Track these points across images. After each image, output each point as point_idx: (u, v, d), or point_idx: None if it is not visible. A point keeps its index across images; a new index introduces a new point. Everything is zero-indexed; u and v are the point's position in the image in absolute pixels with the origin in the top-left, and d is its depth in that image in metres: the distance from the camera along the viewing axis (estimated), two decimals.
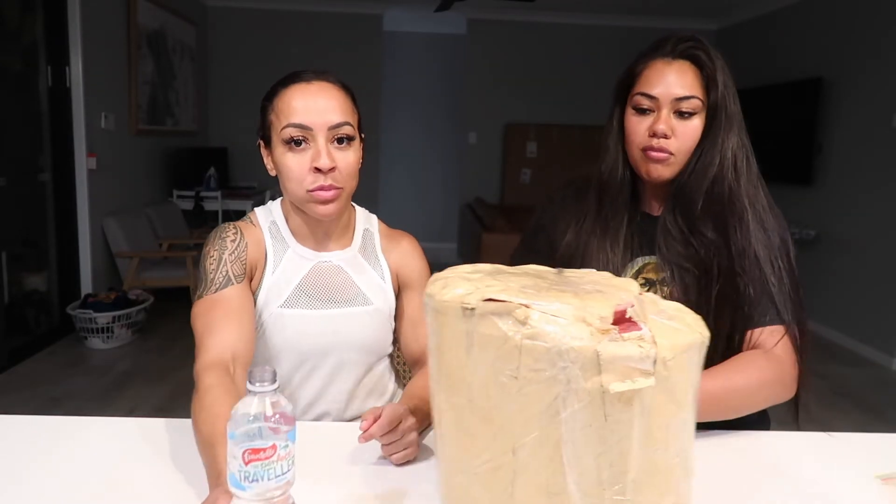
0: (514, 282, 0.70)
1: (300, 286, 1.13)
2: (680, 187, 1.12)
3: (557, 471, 0.64)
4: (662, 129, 1.09)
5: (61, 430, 1.02)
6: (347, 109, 1.07)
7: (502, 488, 0.67)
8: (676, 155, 1.10)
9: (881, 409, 3.25)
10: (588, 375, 0.61)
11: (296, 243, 1.16)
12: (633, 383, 0.61)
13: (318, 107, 1.04)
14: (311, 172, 1.04)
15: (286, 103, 1.05)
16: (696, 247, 1.11)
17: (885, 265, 3.92)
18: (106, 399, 3.01)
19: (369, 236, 1.22)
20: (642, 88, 1.11)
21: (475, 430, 0.68)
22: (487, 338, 0.65)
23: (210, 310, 1.03)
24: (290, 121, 1.04)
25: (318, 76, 1.08)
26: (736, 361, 1.06)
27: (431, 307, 0.71)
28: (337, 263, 1.17)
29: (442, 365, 0.71)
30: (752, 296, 1.08)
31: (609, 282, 0.75)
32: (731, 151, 1.10)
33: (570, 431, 0.63)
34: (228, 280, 1.06)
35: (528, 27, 6.22)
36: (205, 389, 0.93)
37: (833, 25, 4.51)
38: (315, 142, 1.04)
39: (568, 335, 0.61)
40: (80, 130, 3.90)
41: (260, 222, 1.17)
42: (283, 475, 0.69)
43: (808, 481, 0.94)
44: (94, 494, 0.84)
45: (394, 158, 6.84)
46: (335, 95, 1.07)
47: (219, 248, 1.10)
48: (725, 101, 1.09)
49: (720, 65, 1.10)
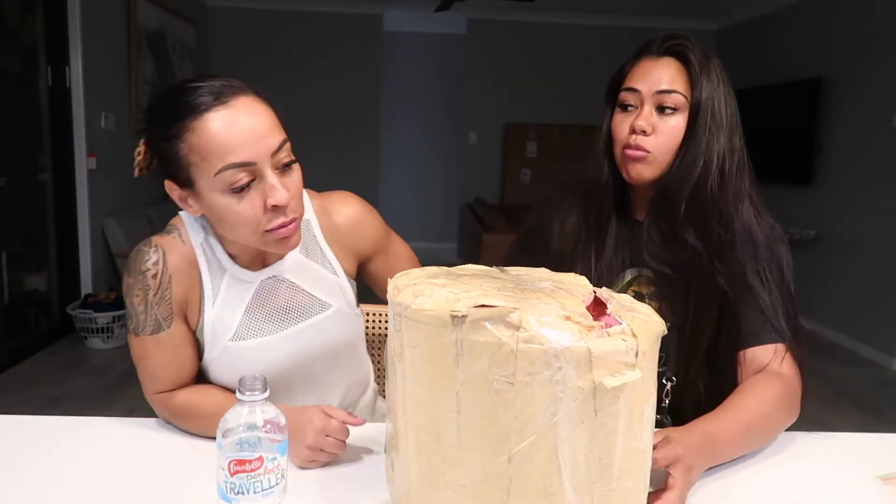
0: (485, 284, 0.69)
1: (247, 313, 1.02)
2: (662, 189, 1.09)
3: (553, 472, 0.64)
4: (641, 125, 1.06)
5: (61, 430, 1.01)
6: (276, 123, 0.91)
7: (497, 497, 0.65)
8: (654, 153, 1.07)
9: (881, 409, 3.25)
10: (581, 373, 0.62)
11: (232, 265, 1.02)
12: (623, 377, 0.63)
13: (253, 133, 0.86)
14: (267, 212, 0.90)
15: (209, 137, 0.85)
16: (677, 252, 1.07)
17: (885, 265, 3.92)
18: (106, 399, 3.01)
19: (307, 228, 1.08)
20: (627, 84, 1.10)
21: (465, 442, 0.65)
22: (480, 345, 0.63)
23: (149, 352, 0.99)
24: (225, 162, 0.85)
25: (234, 91, 0.88)
26: (753, 390, 1.00)
27: (406, 317, 0.67)
28: (281, 277, 1.05)
29: (418, 378, 0.67)
30: (740, 311, 1.04)
31: (560, 278, 0.78)
32: (718, 155, 1.06)
33: (566, 431, 0.63)
34: (158, 325, 0.98)
35: (528, 27, 6.22)
36: (186, 397, 1.00)
37: (833, 25, 4.51)
38: (262, 176, 0.88)
39: (561, 335, 0.62)
40: (80, 130, 3.90)
41: (191, 239, 1.01)
42: (269, 489, 0.67)
43: (809, 481, 0.94)
44: (94, 494, 0.84)
45: (394, 158, 6.84)
46: (261, 111, 0.89)
47: (142, 288, 0.97)
48: (712, 101, 1.06)
49: (713, 65, 1.07)
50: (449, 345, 0.64)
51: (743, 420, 0.96)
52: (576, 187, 1.23)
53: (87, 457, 0.93)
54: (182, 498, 0.84)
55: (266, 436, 0.67)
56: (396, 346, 0.70)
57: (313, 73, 5.95)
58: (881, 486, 0.92)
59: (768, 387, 1.00)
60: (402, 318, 0.68)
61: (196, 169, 0.88)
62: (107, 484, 0.86)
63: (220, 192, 0.88)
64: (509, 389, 0.63)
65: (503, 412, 0.63)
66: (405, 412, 0.69)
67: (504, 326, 0.63)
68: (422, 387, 0.67)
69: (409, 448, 0.70)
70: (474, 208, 5.61)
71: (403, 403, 0.70)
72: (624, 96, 1.10)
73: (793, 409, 1.02)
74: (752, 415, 0.97)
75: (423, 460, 0.68)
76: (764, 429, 0.99)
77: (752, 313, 1.04)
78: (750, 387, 1.01)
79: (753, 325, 1.04)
